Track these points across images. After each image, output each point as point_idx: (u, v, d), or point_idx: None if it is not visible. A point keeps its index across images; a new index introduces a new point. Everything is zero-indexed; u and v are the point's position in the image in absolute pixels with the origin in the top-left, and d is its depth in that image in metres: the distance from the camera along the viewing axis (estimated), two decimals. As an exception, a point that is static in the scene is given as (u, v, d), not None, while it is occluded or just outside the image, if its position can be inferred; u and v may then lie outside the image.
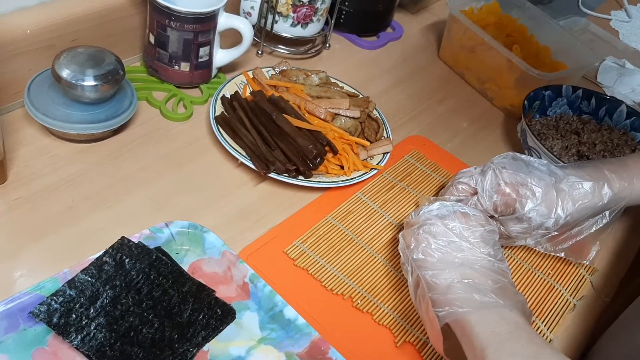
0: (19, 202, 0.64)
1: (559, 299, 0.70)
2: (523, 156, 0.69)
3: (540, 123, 0.89)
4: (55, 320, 0.52)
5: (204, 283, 0.59)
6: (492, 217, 0.66)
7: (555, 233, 0.67)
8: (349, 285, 0.65)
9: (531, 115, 0.89)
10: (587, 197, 0.66)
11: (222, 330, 0.57)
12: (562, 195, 0.65)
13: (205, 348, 0.55)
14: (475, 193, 0.66)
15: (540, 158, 0.80)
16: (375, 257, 0.68)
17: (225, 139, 0.73)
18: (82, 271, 0.56)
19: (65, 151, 0.71)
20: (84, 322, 0.52)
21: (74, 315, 0.52)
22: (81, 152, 0.71)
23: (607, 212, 0.69)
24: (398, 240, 0.64)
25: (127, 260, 0.57)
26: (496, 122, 0.96)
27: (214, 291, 0.59)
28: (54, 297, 0.53)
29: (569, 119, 0.90)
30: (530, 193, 0.64)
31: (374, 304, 0.64)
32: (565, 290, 0.71)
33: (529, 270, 0.72)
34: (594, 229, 0.69)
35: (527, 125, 0.82)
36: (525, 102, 0.85)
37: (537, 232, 0.66)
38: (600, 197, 0.66)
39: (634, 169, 0.69)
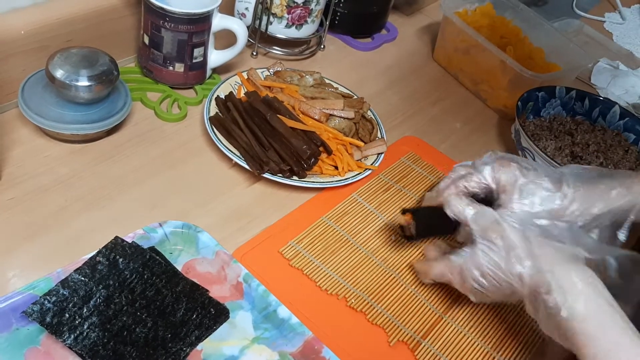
0: (12, 203, 0.64)
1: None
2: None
3: (534, 124, 0.89)
4: (48, 319, 0.52)
5: (198, 283, 0.59)
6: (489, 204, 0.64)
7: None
8: (344, 286, 0.65)
9: (525, 116, 0.89)
10: (592, 186, 0.63)
11: (215, 329, 0.57)
12: (563, 178, 0.63)
13: (198, 347, 0.55)
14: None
15: (534, 159, 0.81)
16: (371, 258, 0.69)
17: (219, 139, 0.73)
18: (75, 271, 0.55)
19: (59, 151, 0.71)
20: (77, 322, 0.52)
21: (67, 315, 0.52)
22: (75, 152, 0.71)
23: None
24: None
25: (120, 259, 0.57)
26: (490, 123, 0.96)
27: (207, 291, 0.59)
28: (47, 297, 0.53)
29: (562, 120, 0.91)
30: (530, 167, 0.63)
31: (368, 303, 0.64)
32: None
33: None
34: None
35: (520, 126, 0.82)
36: (519, 103, 0.85)
37: (546, 208, 0.61)
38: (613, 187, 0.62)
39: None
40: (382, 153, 0.79)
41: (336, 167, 0.75)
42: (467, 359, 0.62)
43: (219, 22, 0.79)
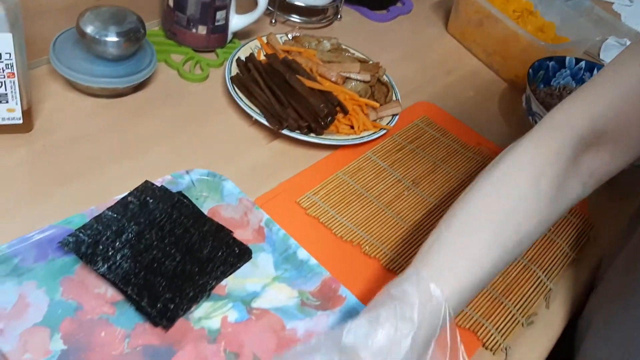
0: (45, 149, 0.67)
1: (559, 252, 0.73)
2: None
3: (544, 92, 0.92)
4: (83, 250, 0.55)
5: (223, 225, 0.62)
6: None
7: None
8: (358, 234, 0.68)
9: (535, 85, 0.91)
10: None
11: (239, 267, 0.60)
12: None
13: (223, 282, 0.59)
14: None
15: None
16: (384, 210, 0.71)
17: (240, 97, 0.76)
18: (108, 208, 0.59)
19: (88, 105, 0.74)
20: (110, 253, 0.55)
21: (100, 247, 0.55)
22: (103, 107, 0.74)
23: None
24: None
25: (150, 200, 0.60)
26: (501, 93, 0.99)
27: (231, 232, 0.62)
28: (82, 230, 0.56)
29: (571, 90, 0.93)
30: None
31: (382, 250, 0.67)
32: (566, 245, 0.74)
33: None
34: None
35: (531, 92, 0.84)
36: (530, 70, 0.88)
37: None
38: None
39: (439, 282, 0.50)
40: (396, 114, 0.81)
41: (352, 127, 0.78)
42: (477, 301, 0.65)
43: (241, -14, 0.82)
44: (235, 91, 0.77)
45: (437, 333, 0.47)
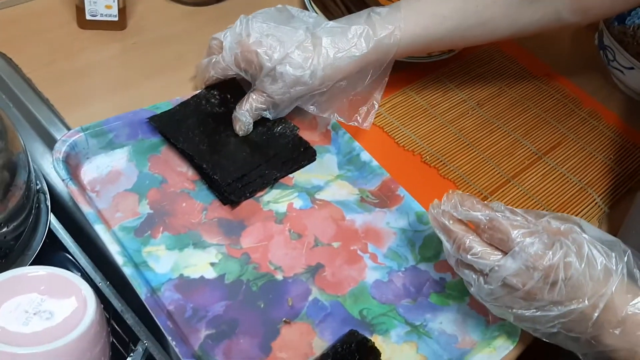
0: (136, 46, 0.73)
1: (617, 180, 0.74)
2: (293, 8, 0.64)
3: (617, 30, 0.91)
4: (168, 129, 0.61)
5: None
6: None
7: (323, 90, 0.62)
8: (419, 145, 0.71)
9: (609, 22, 0.91)
10: (346, 45, 0.60)
11: (303, 165, 0.65)
12: (318, 42, 0.59)
13: (291, 175, 0.64)
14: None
15: (614, 57, 0.83)
16: (447, 126, 0.74)
17: (316, 11, 0.80)
18: (191, 98, 0.64)
19: (176, 11, 0.79)
20: (190, 135, 0.61)
21: (183, 129, 0.61)
22: (189, 13, 0.79)
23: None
24: None
25: (229, 96, 0.65)
26: (572, 29, 0.98)
27: (297, 128, 0.66)
28: (167, 113, 0.62)
29: (647, 29, 0.92)
30: (276, 44, 0.59)
31: (441, 161, 0.70)
32: (625, 174, 0.75)
33: (564, 175, 0.73)
34: (363, 84, 0.64)
35: (605, 26, 0.84)
36: (607, 4, 0.87)
37: (297, 89, 0.60)
38: (361, 45, 0.60)
39: (405, 11, 0.62)
40: (466, 38, 0.83)
41: (422, 47, 0.81)
42: (529, 215, 0.68)
43: None
44: (312, 6, 0.80)
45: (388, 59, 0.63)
